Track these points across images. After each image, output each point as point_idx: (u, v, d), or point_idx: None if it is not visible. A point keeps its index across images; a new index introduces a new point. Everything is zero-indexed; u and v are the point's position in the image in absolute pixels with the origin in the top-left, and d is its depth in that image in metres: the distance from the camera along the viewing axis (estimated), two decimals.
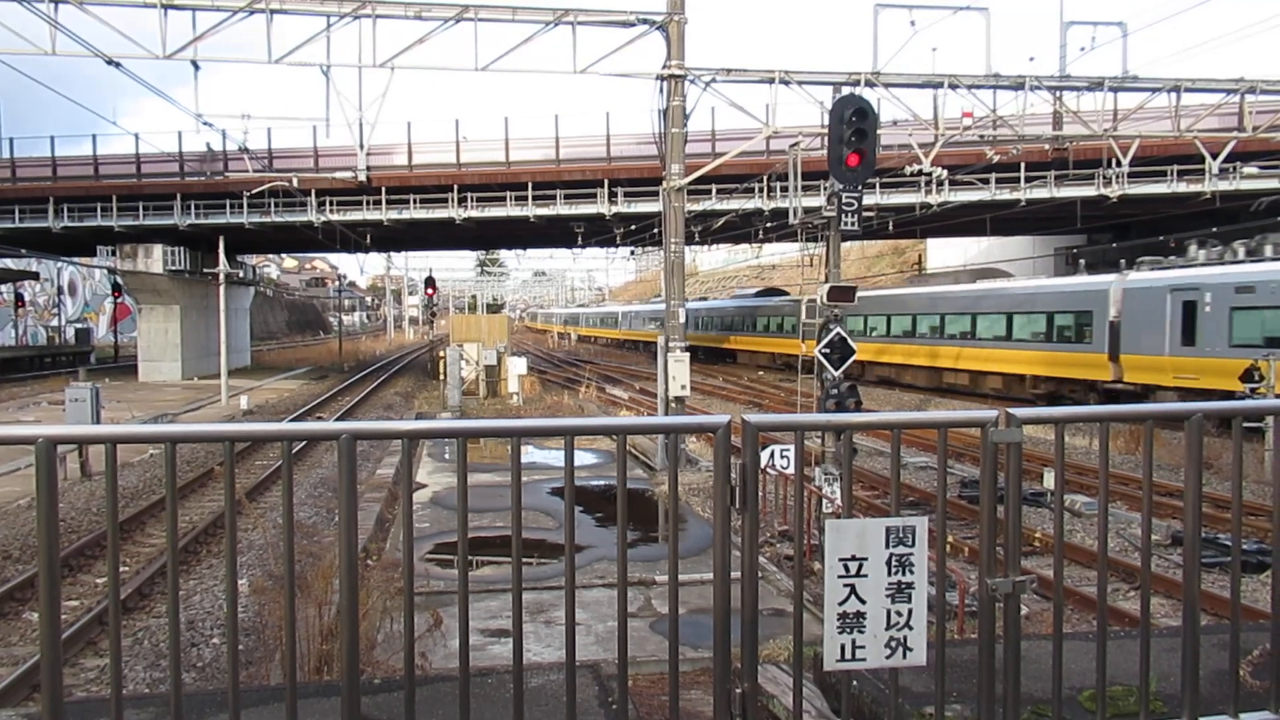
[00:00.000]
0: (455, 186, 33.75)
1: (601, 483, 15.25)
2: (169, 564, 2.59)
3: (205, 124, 20.83)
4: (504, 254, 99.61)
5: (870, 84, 17.25)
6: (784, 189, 26.71)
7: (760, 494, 6.85)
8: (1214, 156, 21.40)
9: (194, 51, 16.73)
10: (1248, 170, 28.52)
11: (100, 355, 56.46)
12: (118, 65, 16.42)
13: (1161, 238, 30.39)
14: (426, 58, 20.41)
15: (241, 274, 45.97)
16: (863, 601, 2.75)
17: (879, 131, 14.97)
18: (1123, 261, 26.75)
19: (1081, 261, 33.80)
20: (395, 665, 6.14)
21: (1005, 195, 30.74)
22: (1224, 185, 28.39)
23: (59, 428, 2.48)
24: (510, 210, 33.91)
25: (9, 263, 50.44)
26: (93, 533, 12.30)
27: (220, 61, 21.63)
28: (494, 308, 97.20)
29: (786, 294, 45.93)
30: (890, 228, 33.79)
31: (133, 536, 12.57)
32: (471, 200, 33.93)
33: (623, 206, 33.30)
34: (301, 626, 6.24)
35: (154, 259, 38.26)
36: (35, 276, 59.73)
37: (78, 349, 55.27)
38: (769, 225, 31.89)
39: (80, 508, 13.99)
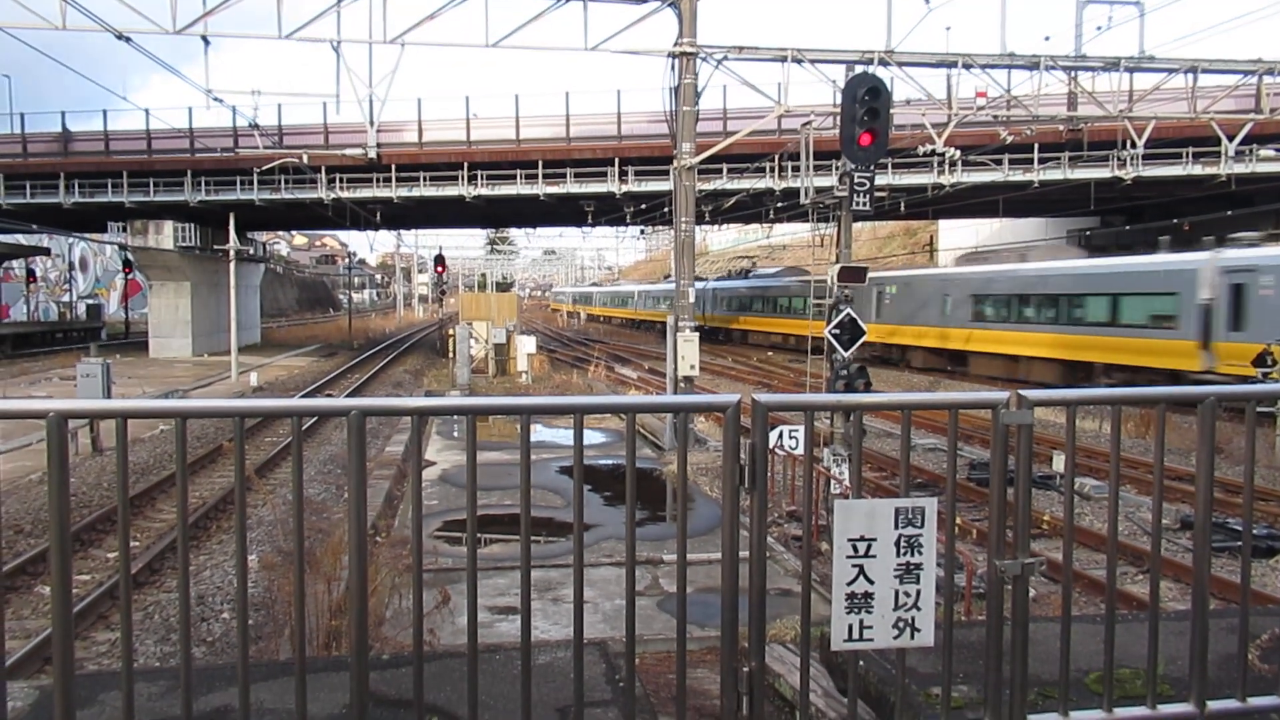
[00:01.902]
0: (465, 164, 33.68)
1: (610, 462, 15.29)
2: (179, 539, 2.60)
3: (216, 100, 20.79)
4: (514, 232, 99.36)
5: (884, 63, 17.12)
6: (795, 168, 26.52)
7: (769, 474, 6.84)
8: (1230, 139, 21.21)
9: (204, 26, 16.71)
10: (1264, 153, 28.27)
11: (111, 331, 56.66)
12: (128, 40, 16.39)
13: (1175, 220, 30.19)
14: (437, 34, 20.42)
15: (252, 251, 46.05)
16: (871, 582, 2.74)
17: (892, 111, 14.83)
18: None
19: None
20: (404, 641, 6.18)
21: (1018, 176, 30.53)
22: (1240, 168, 28.15)
23: (70, 402, 2.48)
24: (520, 188, 33.84)
25: (20, 238, 50.64)
26: (104, 507, 12.38)
27: (230, 37, 21.52)
28: (503, 286, 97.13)
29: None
30: (902, 208, 33.63)
31: (143, 512, 12.65)
32: (481, 178, 33.87)
33: (633, 185, 33.19)
34: (311, 602, 6.28)
35: (165, 235, 38.31)
36: (46, 252, 59.91)
37: (89, 325, 55.48)
38: (780, 205, 31.73)
39: (91, 483, 14.08)
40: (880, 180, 26.05)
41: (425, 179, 34.04)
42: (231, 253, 31.87)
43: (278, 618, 7.54)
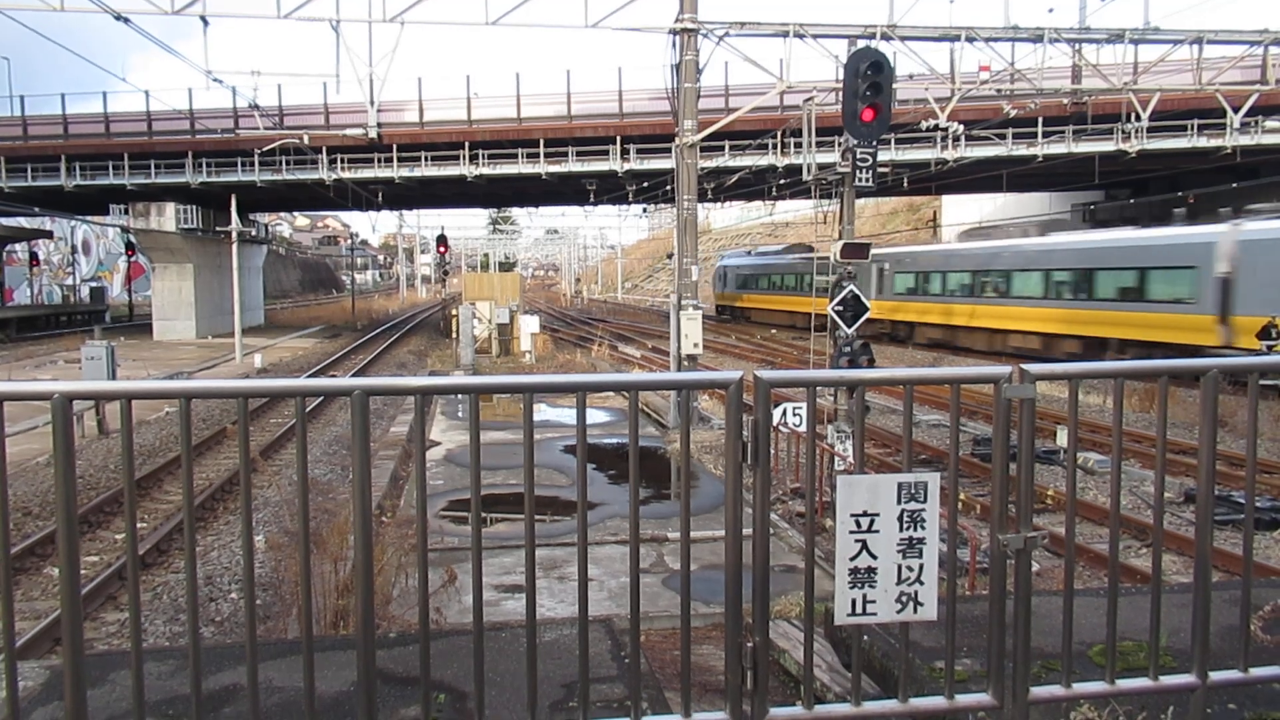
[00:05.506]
0: (467, 143, 33.57)
1: (614, 440, 15.31)
2: (185, 518, 2.62)
3: (215, 81, 20.72)
4: (516, 212, 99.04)
5: (886, 37, 17.00)
6: (798, 145, 26.46)
7: (772, 452, 6.87)
8: (1235, 110, 21.08)
9: (203, 6, 16.63)
10: (1269, 124, 28.10)
11: (115, 314, 56.73)
12: (126, 21, 16.31)
13: (1180, 193, 30.05)
14: (436, 12, 20.34)
15: (254, 232, 46.00)
16: (874, 557, 2.75)
17: (894, 86, 14.77)
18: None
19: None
20: (410, 620, 6.22)
21: (1022, 151, 30.39)
22: (1245, 140, 28.00)
23: (75, 384, 2.48)
24: (522, 167, 33.75)
25: (22, 221, 50.58)
26: (111, 489, 12.44)
27: (228, 17, 21.43)
28: (506, 266, 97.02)
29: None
30: (905, 184, 33.47)
31: (150, 494, 12.70)
32: (483, 157, 33.77)
33: (635, 163, 33.08)
34: (317, 582, 6.32)
35: (167, 217, 38.29)
36: (49, 235, 59.89)
37: (93, 308, 55.54)
38: (782, 182, 31.65)
39: (98, 465, 14.15)
40: (883, 156, 25.96)
41: (427, 159, 33.94)
42: (234, 234, 31.83)
43: (285, 597, 7.59)
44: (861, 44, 15.68)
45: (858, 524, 2.74)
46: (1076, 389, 2.98)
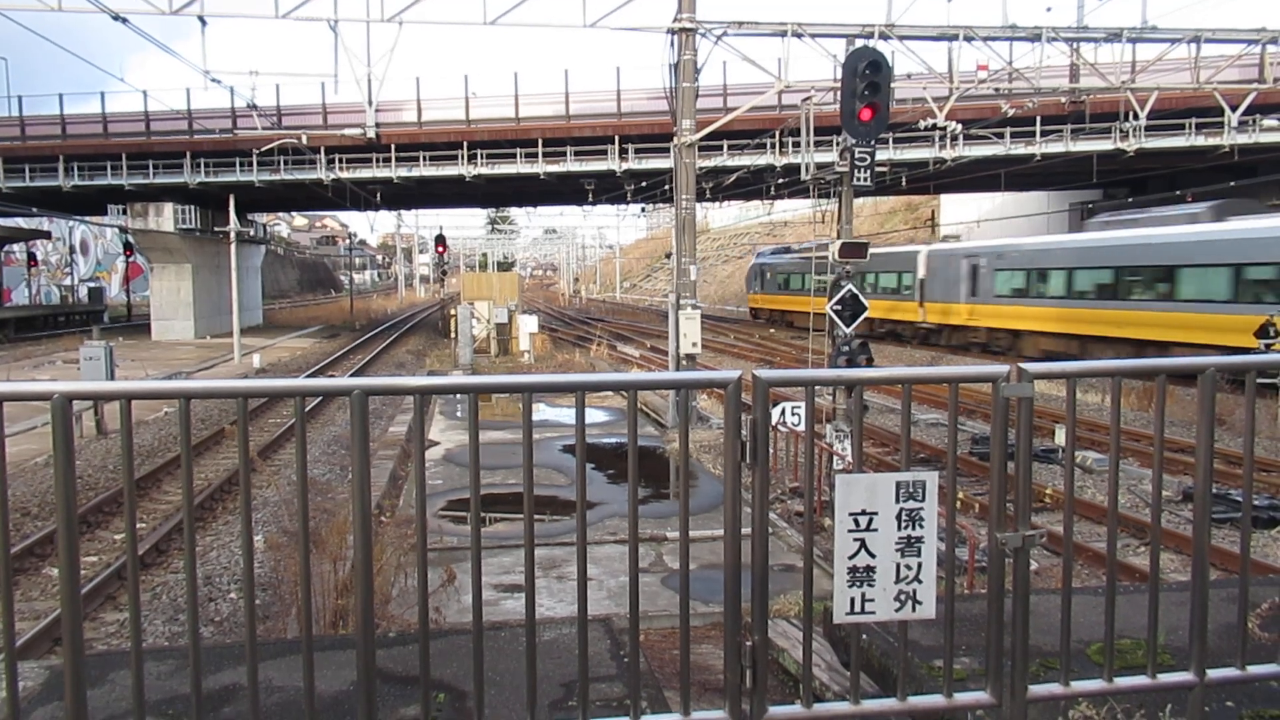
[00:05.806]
0: (465, 143, 33.58)
1: (613, 440, 15.32)
2: (185, 518, 2.62)
3: (214, 81, 20.73)
4: (514, 211, 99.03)
5: (884, 36, 17.01)
6: (796, 144, 26.45)
7: (771, 451, 6.87)
8: (1233, 109, 21.08)
9: (200, 6, 16.62)
10: (1267, 123, 28.13)
11: (113, 314, 56.70)
12: (124, 21, 16.31)
13: (1178, 192, 30.06)
14: (435, 12, 20.31)
15: (252, 232, 45.97)
16: (872, 555, 2.76)
17: (892, 85, 14.76)
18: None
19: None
20: (410, 620, 6.22)
21: (1020, 150, 30.42)
22: (1243, 138, 28.04)
23: (75, 384, 2.48)
24: (520, 167, 33.75)
25: (20, 221, 50.55)
26: (110, 489, 12.43)
27: (226, 17, 21.40)
28: (505, 265, 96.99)
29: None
30: (903, 183, 33.50)
31: (150, 494, 12.70)
32: (481, 157, 33.78)
33: (633, 163, 33.08)
34: (317, 582, 6.32)
35: (165, 218, 38.27)
36: (47, 235, 59.86)
37: (91, 308, 55.51)
38: (781, 181, 31.64)
39: (97, 465, 14.14)
40: (881, 155, 26.00)
41: (425, 158, 33.95)
42: (232, 234, 31.81)
43: (284, 597, 7.60)
44: (859, 43, 15.69)
45: (856, 523, 2.74)
46: (1074, 388, 2.99)
